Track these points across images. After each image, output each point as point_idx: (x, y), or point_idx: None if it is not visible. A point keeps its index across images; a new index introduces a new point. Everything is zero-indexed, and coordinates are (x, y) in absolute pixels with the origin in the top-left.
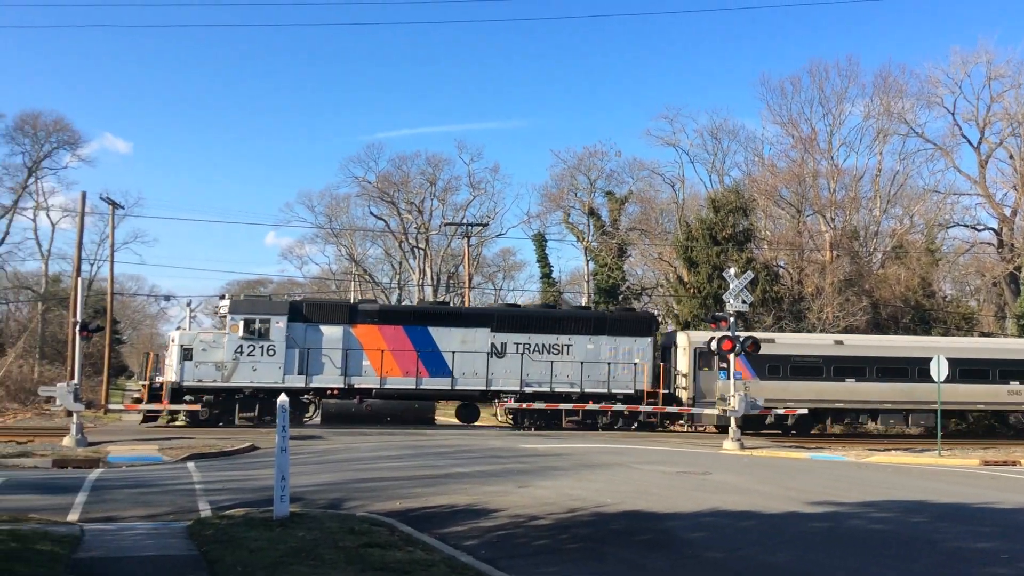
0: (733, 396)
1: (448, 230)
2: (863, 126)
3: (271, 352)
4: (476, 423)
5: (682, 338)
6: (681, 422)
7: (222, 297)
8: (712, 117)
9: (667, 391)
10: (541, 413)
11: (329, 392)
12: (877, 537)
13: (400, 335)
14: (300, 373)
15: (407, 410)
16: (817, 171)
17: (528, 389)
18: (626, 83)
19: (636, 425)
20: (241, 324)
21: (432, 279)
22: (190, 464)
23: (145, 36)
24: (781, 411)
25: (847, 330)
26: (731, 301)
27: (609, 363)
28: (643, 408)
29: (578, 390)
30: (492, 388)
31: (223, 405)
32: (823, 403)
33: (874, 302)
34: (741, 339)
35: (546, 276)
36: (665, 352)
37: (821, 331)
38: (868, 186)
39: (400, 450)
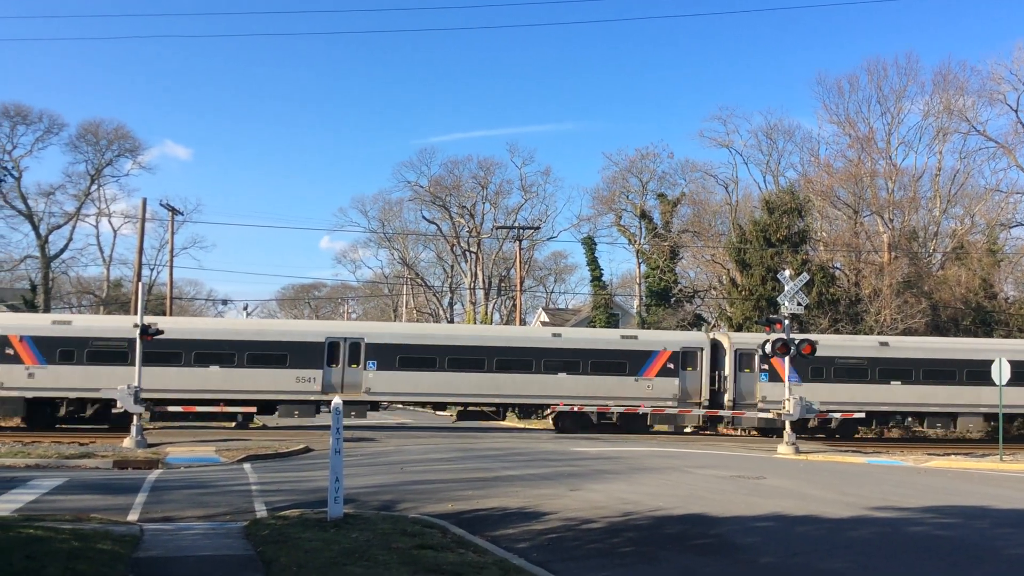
0: (788, 400)
1: (500, 233)
2: (922, 125)
3: None
4: None
5: None
6: None
7: None
8: (767, 117)
9: None
10: None
11: None
12: (938, 543)
13: None
14: None
15: None
16: (875, 171)
17: None
18: (679, 84)
19: None
20: None
21: (484, 282)
22: (246, 465)
23: (204, 45)
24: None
25: (906, 332)
26: (786, 303)
27: None
28: None
29: None
30: None
31: None
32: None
33: (934, 304)
34: (796, 341)
35: (596, 279)
36: None
37: (879, 333)
38: (927, 186)
39: (451, 452)
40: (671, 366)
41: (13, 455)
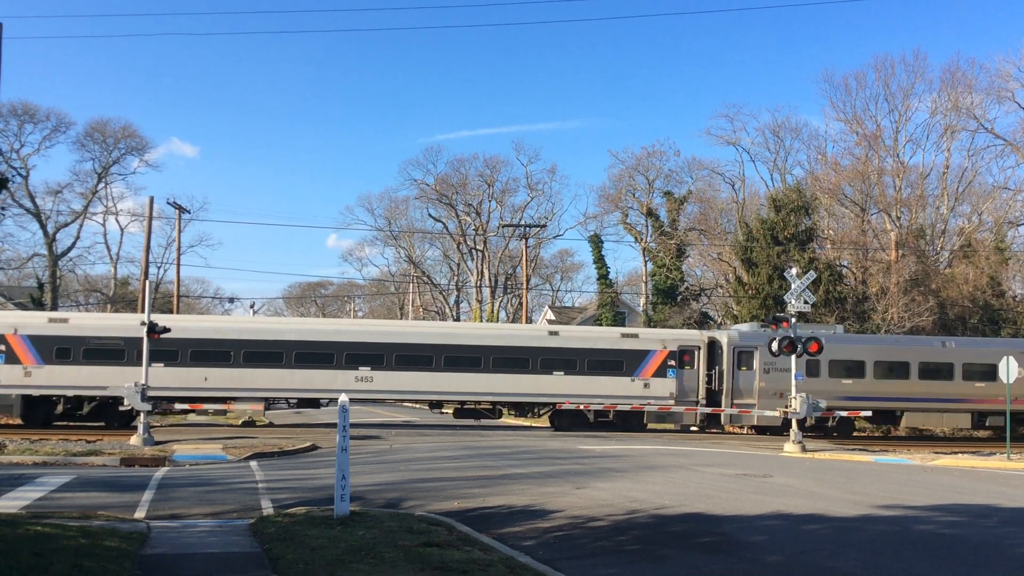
0: (795, 398)
1: (506, 232)
2: (930, 122)
3: None
4: None
5: None
6: None
7: None
8: (774, 115)
9: None
10: None
11: None
12: (945, 542)
13: None
14: None
15: None
16: (882, 168)
17: None
18: (685, 82)
19: None
20: None
21: (490, 280)
22: (253, 463)
23: (211, 43)
24: None
25: (913, 331)
26: (792, 301)
27: None
28: None
29: None
30: None
31: None
32: None
33: (941, 302)
34: (804, 339)
35: (603, 277)
36: None
37: (886, 331)
38: (935, 183)
39: (458, 450)
40: None
41: (21, 452)
